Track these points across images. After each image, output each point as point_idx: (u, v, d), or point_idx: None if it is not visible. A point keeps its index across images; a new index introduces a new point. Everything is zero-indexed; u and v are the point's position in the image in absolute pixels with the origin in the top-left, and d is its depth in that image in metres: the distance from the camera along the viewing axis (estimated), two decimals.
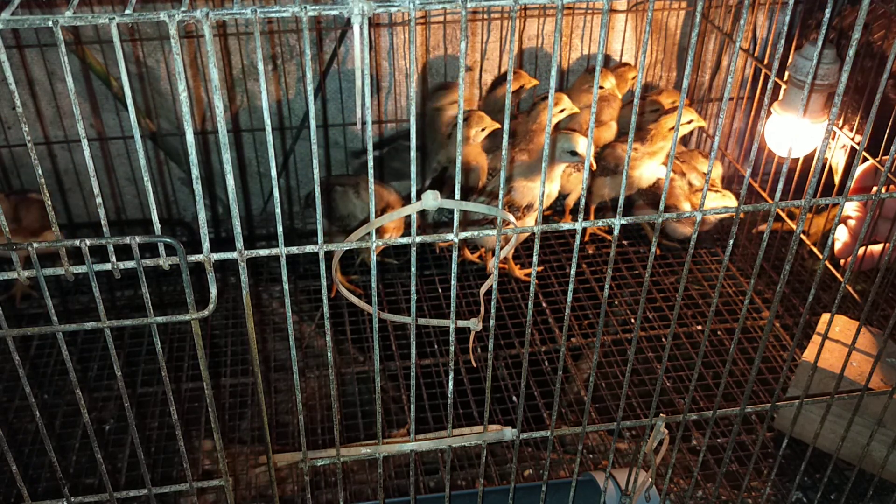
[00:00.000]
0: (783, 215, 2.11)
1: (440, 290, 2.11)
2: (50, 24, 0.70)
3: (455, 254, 0.91)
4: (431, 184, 2.16)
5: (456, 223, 0.89)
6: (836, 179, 1.98)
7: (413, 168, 0.87)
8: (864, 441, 1.31)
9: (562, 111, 2.06)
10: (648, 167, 2.10)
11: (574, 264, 0.95)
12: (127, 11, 0.71)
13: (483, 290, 1.00)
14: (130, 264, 0.81)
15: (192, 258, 0.83)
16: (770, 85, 0.98)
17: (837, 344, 1.61)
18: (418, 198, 0.87)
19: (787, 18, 0.85)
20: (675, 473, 1.64)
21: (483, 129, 2.00)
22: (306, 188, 2.37)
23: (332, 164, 2.35)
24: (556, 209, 2.28)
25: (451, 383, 1.01)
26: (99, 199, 0.79)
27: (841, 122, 1.95)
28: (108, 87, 2.10)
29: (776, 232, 2.21)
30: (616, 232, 0.96)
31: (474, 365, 1.87)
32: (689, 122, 2.10)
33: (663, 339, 1.96)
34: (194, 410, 1.76)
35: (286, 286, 0.86)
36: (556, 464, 1.67)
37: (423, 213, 2.07)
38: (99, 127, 2.16)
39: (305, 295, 2.13)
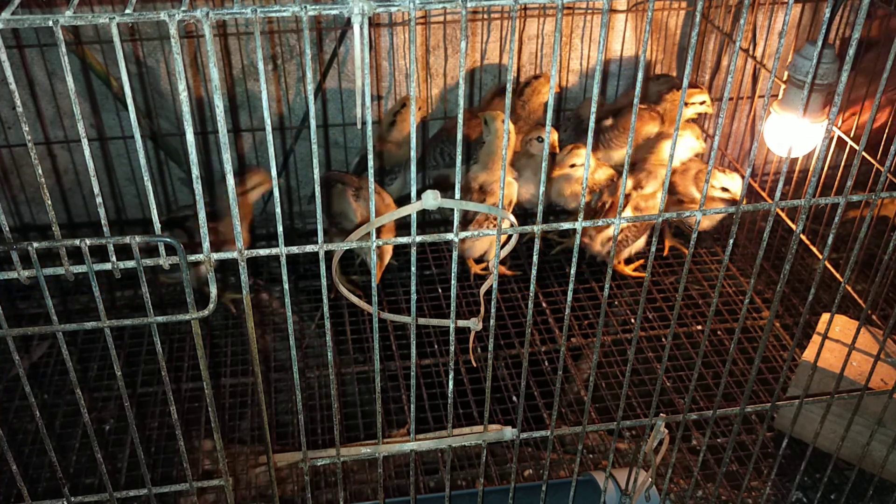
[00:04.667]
0: (782, 215, 2.11)
1: (440, 290, 2.11)
2: (50, 23, 0.70)
3: (455, 253, 0.91)
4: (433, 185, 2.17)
5: (456, 223, 0.89)
6: None
7: (413, 168, 0.87)
8: (864, 441, 1.31)
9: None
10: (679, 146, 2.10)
11: (574, 264, 0.95)
12: (127, 11, 0.71)
13: (483, 290, 1.00)
14: (130, 264, 0.81)
15: (192, 258, 0.83)
16: (770, 85, 0.98)
17: (837, 344, 1.61)
18: (418, 197, 0.87)
19: (787, 18, 0.85)
20: (675, 473, 1.64)
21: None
22: (306, 188, 2.37)
23: (332, 164, 2.35)
24: (556, 209, 2.27)
25: (451, 383, 1.01)
26: (99, 199, 0.79)
27: None
28: (108, 87, 2.10)
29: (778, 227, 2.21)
30: (616, 232, 0.96)
31: (474, 365, 1.87)
32: (703, 104, 2.16)
33: (663, 339, 1.96)
34: (194, 410, 1.76)
35: (286, 286, 0.86)
36: (556, 464, 1.67)
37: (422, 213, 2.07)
38: (99, 127, 2.16)
39: (305, 295, 2.13)
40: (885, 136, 2.06)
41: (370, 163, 0.83)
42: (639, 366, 1.90)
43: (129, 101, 0.75)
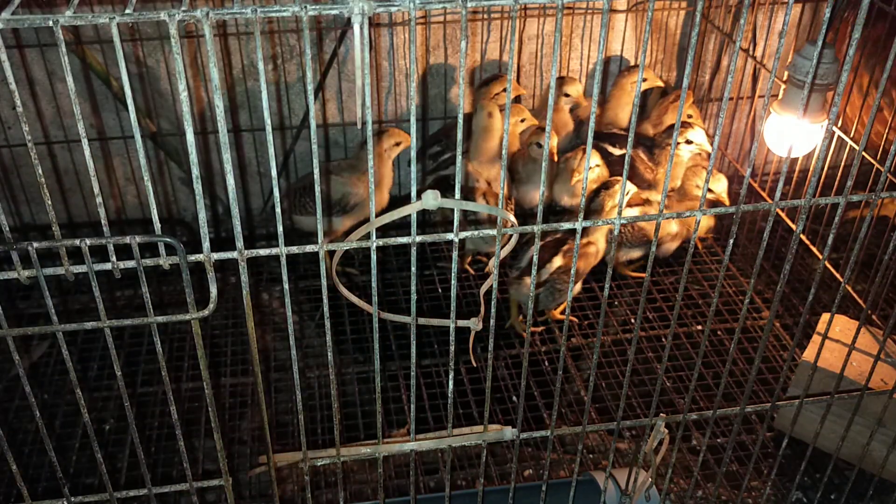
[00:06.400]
0: (782, 215, 2.10)
1: (440, 290, 2.11)
2: (50, 23, 0.70)
3: (455, 254, 0.91)
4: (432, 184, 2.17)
5: (456, 223, 0.89)
6: None
7: (413, 168, 0.87)
8: (864, 441, 1.31)
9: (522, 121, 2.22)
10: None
11: (574, 264, 0.95)
12: (127, 11, 0.71)
13: (483, 289, 1.00)
14: (130, 264, 0.81)
15: (193, 258, 0.83)
16: (770, 85, 0.98)
17: (837, 344, 1.61)
18: (418, 197, 0.87)
19: (787, 18, 0.85)
20: (675, 473, 1.64)
21: (398, 144, 2.07)
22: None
23: None
24: (556, 209, 2.28)
25: (451, 383, 1.01)
26: (99, 199, 0.79)
27: None
28: (108, 87, 2.10)
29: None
30: (616, 232, 0.97)
31: (474, 365, 1.87)
32: (645, 80, 2.16)
33: (663, 339, 1.96)
34: (194, 410, 1.76)
35: (286, 286, 0.86)
36: (556, 464, 1.67)
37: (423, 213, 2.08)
38: (99, 127, 2.16)
39: (305, 295, 2.13)
40: (885, 136, 2.06)
41: (370, 161, 0.83)
42: (639, 366, 1.90)
43: (129, 101, 0.75)
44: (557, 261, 1.86)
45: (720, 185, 2.01)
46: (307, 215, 2.08)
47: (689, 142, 2.00)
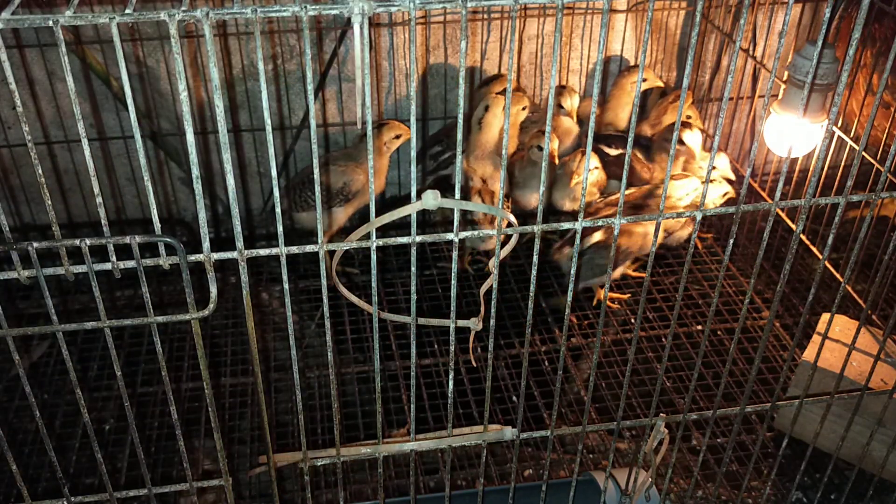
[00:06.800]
0: (782, 215, 2.10)
1: (440, 290, 2.11)
2: (50, 23, 0.70)
3: (455, 254, 0.91)
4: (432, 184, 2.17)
5: (456, 223, 0.89)
6: None
7: (413, 168, 0.87)
8: (864, 441, 1.31)
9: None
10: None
11: (574, 264, 0.95)
12: (127, 11, 0.71)
13: (483, 289, 1.00)
14: (130, 264, 0.81)
15: (193, 258, 0.83)
16: (770, 85, 0.98)
17: (837, 344, 1.61)
18: (418, 197, 0.87)
19: (787, 18, 0.85)
20: (675, 473, 1.64)
21: (397, 137, 2.08)
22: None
23: None
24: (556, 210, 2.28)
25: (451, 383, 1.01)
26: (99, 199, 0.79)
27: None
28: (108, 87, 2.10)
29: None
30: (616, 231, 0.97)
31: (474, 365, 1.87)
32: (645, 80, 2.16)
33: (663, 339, 1.96)
34: (194, 410, 1.76)
35: (286, 286, 0.86)
36: (556, 464, 1.67)
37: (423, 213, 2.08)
38: (99, 127, 2.16)
39: (305, 295, 2.13)
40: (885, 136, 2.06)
41: (370, 161, 0.83)
42: (639, 366, 1.90)
43: (129, 101, 0.75)
44: (597, 235, 1.91)
45: (723, 163, 2.04)
46: (308, 210, 2.08)
47: (681, 142, 2.01)
